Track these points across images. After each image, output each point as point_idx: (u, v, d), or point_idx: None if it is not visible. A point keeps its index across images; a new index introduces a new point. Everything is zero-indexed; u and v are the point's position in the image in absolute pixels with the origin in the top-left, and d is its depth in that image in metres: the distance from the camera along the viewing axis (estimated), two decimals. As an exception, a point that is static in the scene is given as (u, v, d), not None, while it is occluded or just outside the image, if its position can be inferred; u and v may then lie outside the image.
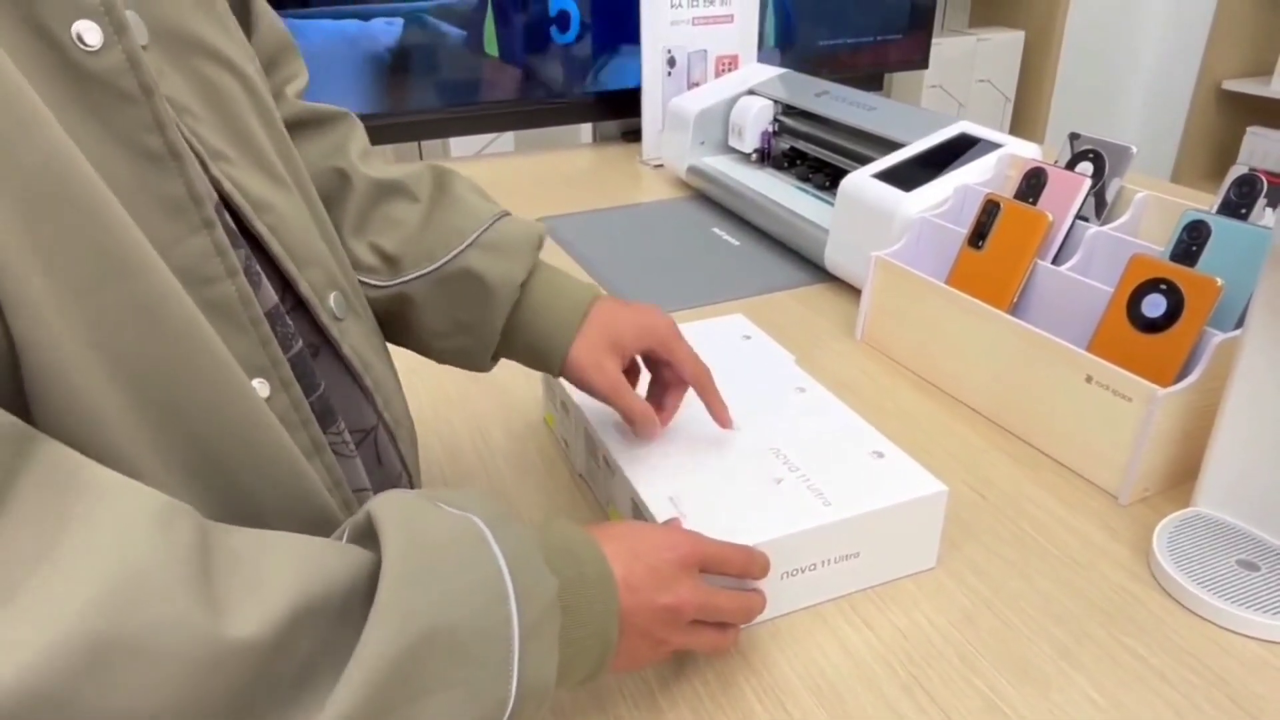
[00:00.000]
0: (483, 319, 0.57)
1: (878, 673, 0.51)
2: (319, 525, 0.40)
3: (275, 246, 0.43)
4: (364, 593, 0.34)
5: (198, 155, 0.38)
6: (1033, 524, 0.63)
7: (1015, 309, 0.76)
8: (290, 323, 0.43)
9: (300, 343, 0.43)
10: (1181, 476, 0.66)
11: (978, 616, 0.55)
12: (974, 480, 0.68)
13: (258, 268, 0.41)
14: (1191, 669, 0.51)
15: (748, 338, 0.76)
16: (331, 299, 0.47)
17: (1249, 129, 2.50)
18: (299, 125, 0.58)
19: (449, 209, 0.58)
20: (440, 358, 0.60)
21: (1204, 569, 0.57)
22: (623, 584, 0.43)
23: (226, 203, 0.40)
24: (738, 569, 0.50)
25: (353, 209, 0.57)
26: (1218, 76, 2.56)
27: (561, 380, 0.64)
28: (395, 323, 0.58)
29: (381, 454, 0.51)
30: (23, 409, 0.30)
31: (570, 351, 0.57)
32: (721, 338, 0.76)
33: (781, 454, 0.60)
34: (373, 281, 0.56)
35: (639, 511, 0.57)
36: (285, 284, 0.44)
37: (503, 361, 0.61)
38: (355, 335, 0.49)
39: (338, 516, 0.42)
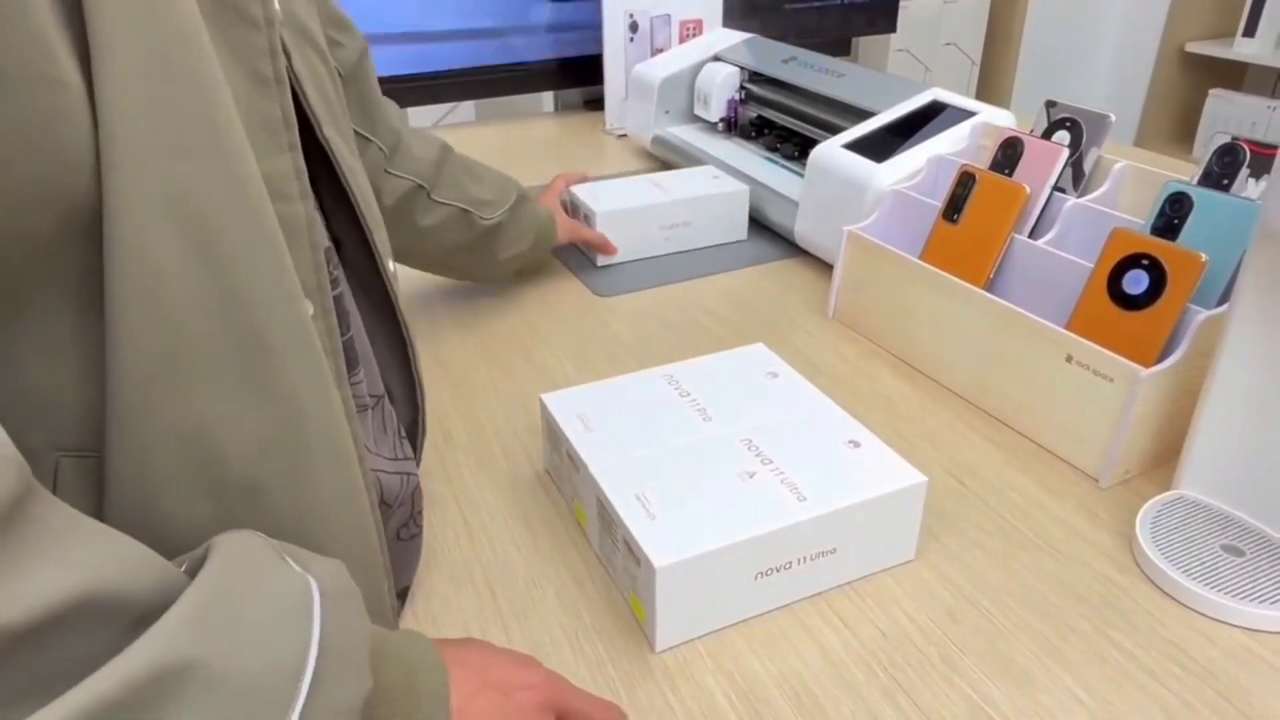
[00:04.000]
0: (529, 228, 0.88)
1: (858, 677, 0.49)
2: (340, 451, 0.41)
3: (362, 205, 0.49)
4: (150, 611, 0.29)
5: (316, 120, 0.44)
6: (1013, 511, 0.61)
7: (992, 285, 0.74)
8: (335, 272, 0.46)
9: (341, 286, 0.47)
10: (1162, 457, 0.64)
11: (960, 613, 0.53)
12: (953, 466, 0.65)
13: (315, 211, 0.43)
14: (1178, 663, 0.49)
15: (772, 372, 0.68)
16: (390, 263, 0.53)
17: (1211, 92, 2.50)
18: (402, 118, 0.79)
19: (484, 169, 0.86)
20: (495, 270, 0.89)
21: (1188, 555, 0.55)
22: (458, 712, 0.38)
23: (329, 161, 0.46)
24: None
25: (460, 167, 0.82)
26: (1181, 39, 2.55)
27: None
28: (481, 246, 0.84)
29: (386, 422, 0.53)
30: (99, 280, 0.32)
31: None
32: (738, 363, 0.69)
33: (754, 445, 0.57)
34: (485, 215, 0.82)
35: (604, 510, 0.54)
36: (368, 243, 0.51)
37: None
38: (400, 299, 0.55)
39: (350, 447, 0.42)
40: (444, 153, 0.80)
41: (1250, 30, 2.40)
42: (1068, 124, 0.80)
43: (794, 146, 1.17)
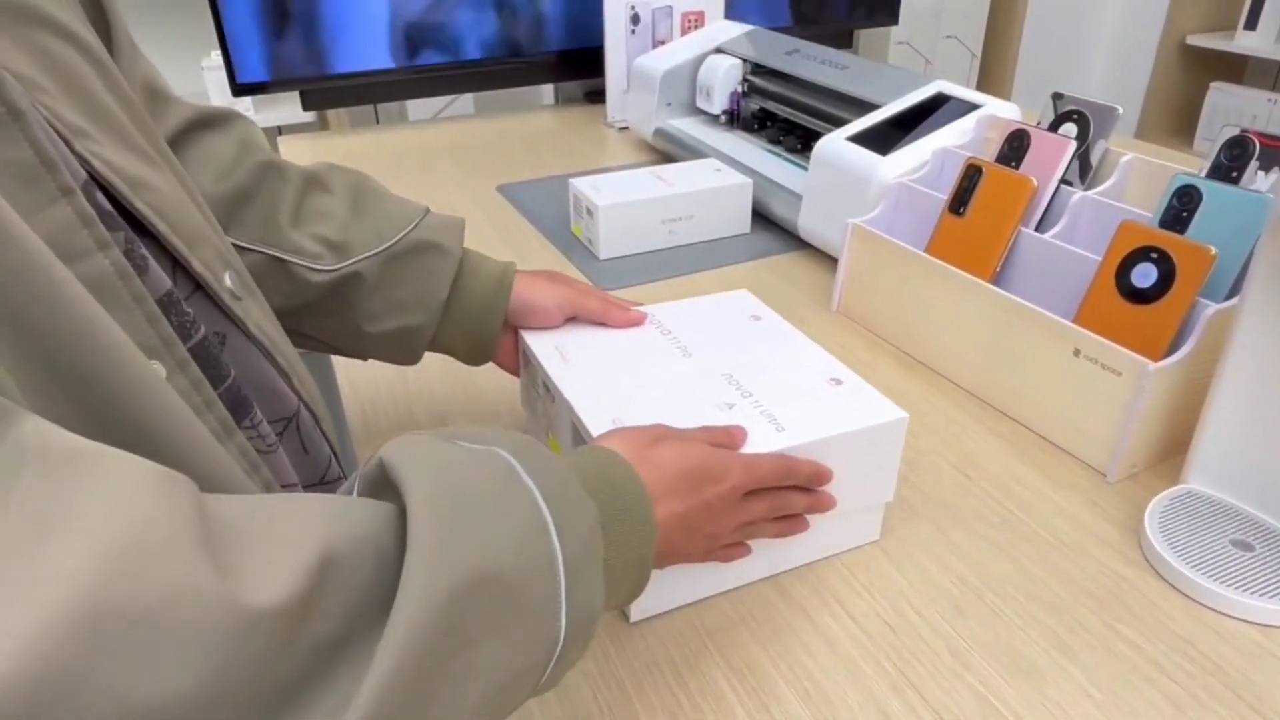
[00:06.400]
0: (429, 291, 0.60)
1: (866, 671, 0.49)
2: None
3: (161, 225, 0.39)
4: (391, 545, 0.30)
5: (56, 132, 0.35)
6: (1020, 505, 0.61)
7: (998, 279, 0.74)
8: (189, 310, 0.39)
9: (202, 330, 0.40)
10: (1169, 451, 0.64)
11: (967, 607, 0.53)
12: (959, 460, 0.65)
13: (143, 251, 0.37)
14: (1188, 657, 0.49)
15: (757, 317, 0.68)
16: (227, 277, 0.44)
17: (1212, 85, 2.50)
18: (202, 124, 0.57)
19: (374, 204, 0.61)
20: (374, 347, 0.61)
21: (1197, 550, 0.55)
22: (662, 521, 0.43)
23: (100, 184, 0.36)
24: (790, 482, 0.50)
25: (288, 201, 0.58)
26: (1182, 32, 2.54)
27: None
28: (334, 310, 0.59)
29: (306, 440, 0.49)
30: None
31: (514, 293, 0.61)
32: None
33: (734, 380, 0.56)
34: (319, 266, 0.57)
35: (579, 436, 0.53)
36: (175, 269, 0.41)
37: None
38: (257, 314, 0.47)
39: None
40: (265, 172, 0.57)
41: (1251, 23, 2.40)
42: (1075, 116, 0.79)
43: (797, 139, 1.16)
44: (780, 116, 1.19)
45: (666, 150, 1.27)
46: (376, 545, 0.30)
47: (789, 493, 0.51)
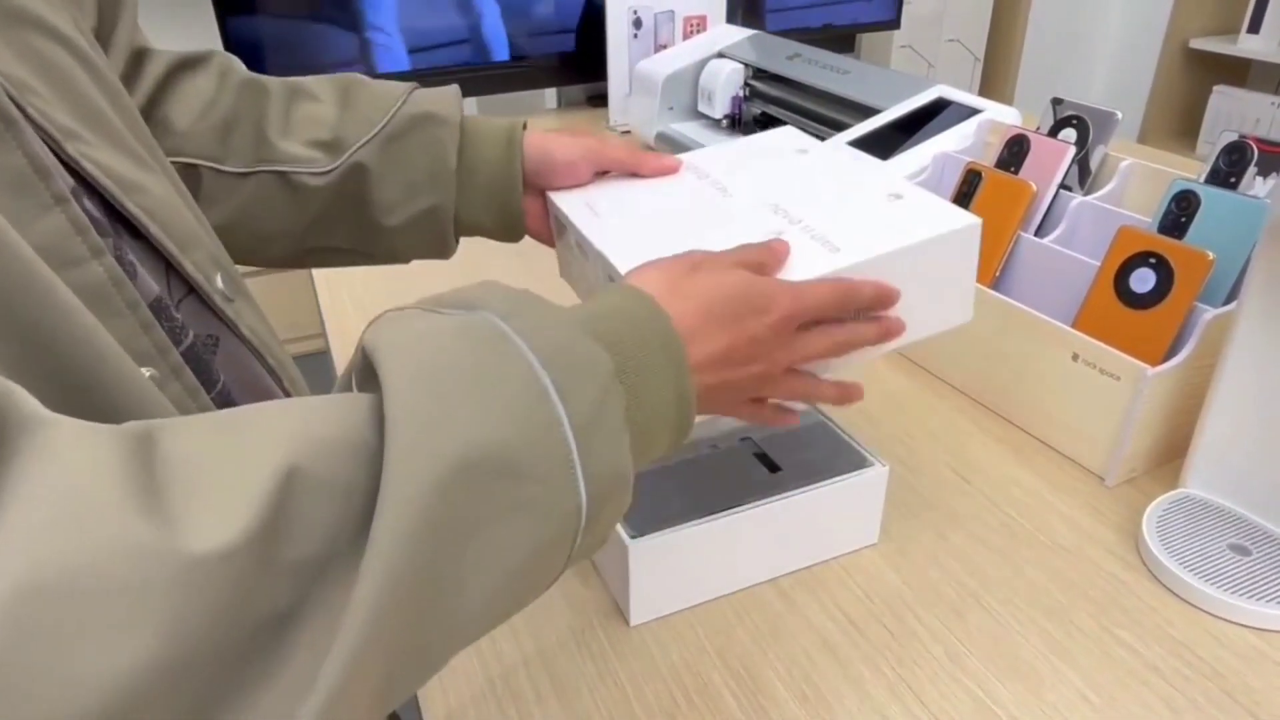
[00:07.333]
0: (436, 162, 0.56)
1: (864, 674, 0.49)
2: None
3: (154, 228, 0.39)
4: (374, 440, 0.28)
5: (47, 135, 0.34)
6: (1019, 509, 0.61)
7: (998, 283, 0.74)
8: (178, 315, 0.39)
9: (191, 336, 0.39)
10: (1168, 455, 0.64)
11: (965, 610, 0.53)
12: (958, 464, 0.65)
13: (131, 257, 0.37)
14: (1186, 661, 0.49)
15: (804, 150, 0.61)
16: (219, 279, 0.43)
17: (1215, 88, 2.50)
18: (182, 66, 0.56)
19: (362, 92, 0.57)
20: (402, 242, 0.58)
21: (1195, 554, 0.55)
22: (699, 359, 0.39)
23: (91, 186, 0.36)
24: (851, 309, 0.45)
25: (275, 113, 0.56)
26: (1185, 35, 2.54)
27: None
28: (348, 212, 0.56)
29: None
30: None
31: (529, 148, 0.56)
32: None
33: (780, 209, 0.50)
34: (316, 169, 0.55)
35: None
36: (167, 272, 0.40)
37: None
38: (250, 316, 0.46)
39: None
40: (245, 91, 0.56)
41: (1255, 26, 2.40)
42: (1074, 121, 0.80)
43: (798, 143, 1.16)
44: (782, 120, 1.20)
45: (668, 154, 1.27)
46: (353, 445, 0.28)
47: (852, 323, 0.46)
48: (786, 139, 0.61)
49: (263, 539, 0.25)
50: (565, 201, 0.56)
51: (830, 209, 0.49)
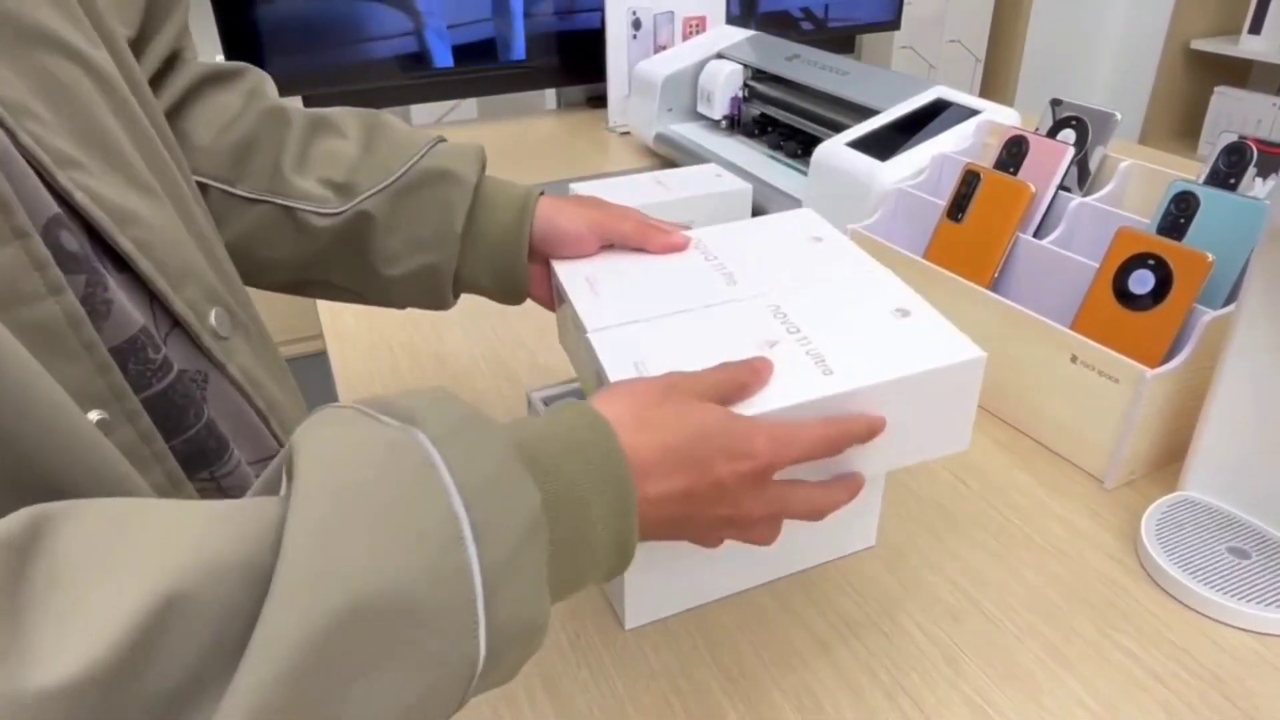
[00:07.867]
0: (443, 224, 0.55)
1: (861, 679, 0.48)
2: None
3: (144, 264, 0.38)
4: (269, 562, 0.26)
5: (38, 162, 0.34)
6: (1017, 512, 0.61)
7: (996, 284, 0.74)
8: (162, 350, 0.38)
9: (175, 372, 0.38)
10: (1167, 458, 0.64)
11: (963, 615, 0.52)
12: (956, 466, 0.65)
13: (110, 294, 0.36)
14: (1184, 666, 0.49)
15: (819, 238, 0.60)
16: (213, 316, 0.42)
17: (1217, 89, 2.49)
18: (212, 80, 0.56)
19: (387, 136, 0.57)
20: (399, 291, 0.57)
21: (1194, 557, 0.54)
22: (654, 498, 0.36)
23: (82, 218, 0.35)
24: (842, 450, 0.43)
25: (294, 145, 0.56)
26: (1186, 36, 2.54)
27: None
28: (349, 255, 0.56)
29: None
30: None
31: (539, 218, 0.56)
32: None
33: (781, 312, 0.49)
34: (325, 210, 0.55)
35: (601, 381, 0.47)
36: (153, 305, 0.39)
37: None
38: (244, 354, 0.45)
39: None
40: (268, 118, 0.56)
41: (1256, 27, 2.39)
42: (1073, 122, 0.79)
43: (797, 144, 1.16)
44: (781, 122, 1.19)
45: (667, 155, 1.27)
46: (246, 565, 0.26)
47: (834, 486, 0.44)
48: (803, 223, 0.61)
49: (118, 669, 0.23)
50: (567, 275, 0.55)
51: (831, 321, 0.48)
